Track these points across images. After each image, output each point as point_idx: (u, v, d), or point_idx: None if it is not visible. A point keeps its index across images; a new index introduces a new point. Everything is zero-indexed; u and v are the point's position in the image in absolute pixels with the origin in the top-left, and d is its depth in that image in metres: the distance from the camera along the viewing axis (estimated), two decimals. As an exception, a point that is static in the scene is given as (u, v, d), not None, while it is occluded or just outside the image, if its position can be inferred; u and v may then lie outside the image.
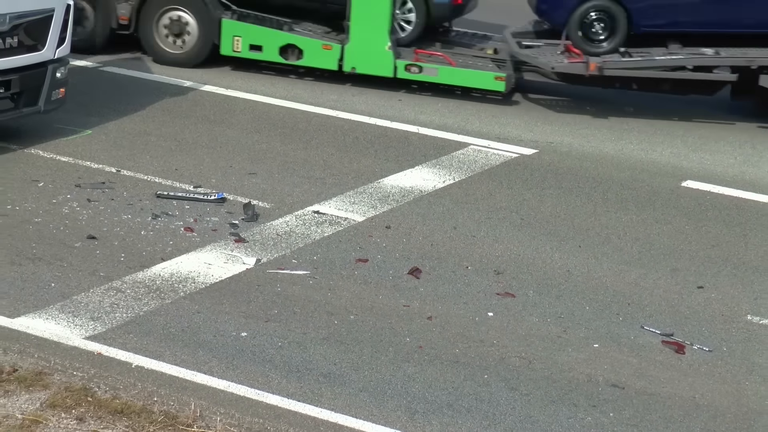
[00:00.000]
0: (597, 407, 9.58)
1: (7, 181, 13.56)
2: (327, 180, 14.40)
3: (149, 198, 13.37)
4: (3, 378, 9.28)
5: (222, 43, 18.68)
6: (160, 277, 11.42)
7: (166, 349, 10.01)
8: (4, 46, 13.95)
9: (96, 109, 16.24)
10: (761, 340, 11.01)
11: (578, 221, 13.73)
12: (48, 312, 10.52)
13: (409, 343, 10.44)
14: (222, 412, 9.00)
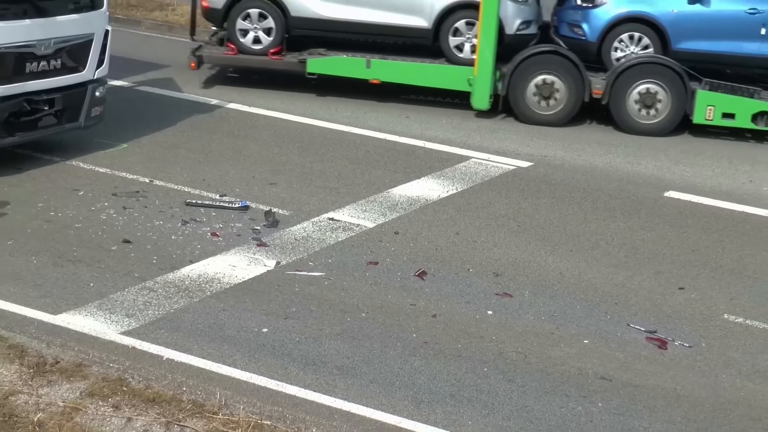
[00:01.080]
0: (587, 398, 9.57)
1: (51, 190, 13.59)
2: (341, 190, 14.39)
3: (179, 206, 13.37)
4: (46, 369, 9.30)
5: (696, 112, 18.15)
6: (188, 277, 11.43)
7: (194, 343, 10.02)
8: (49, 68, 13.99)
9: (131, 125, 16.26)
10: (736, 337, 10.98)
11: (570, 228, 13.70)
12: (87, 309, 10.54)
13: (415, 338, 10.44)
14: (245, 401, 9.01)
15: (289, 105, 18.30)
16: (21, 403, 8.77)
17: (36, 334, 9.93)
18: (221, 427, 8.63)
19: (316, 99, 18.87)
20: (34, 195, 13.37)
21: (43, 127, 14.33)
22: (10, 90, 13.59)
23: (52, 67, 14.05)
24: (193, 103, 18.01)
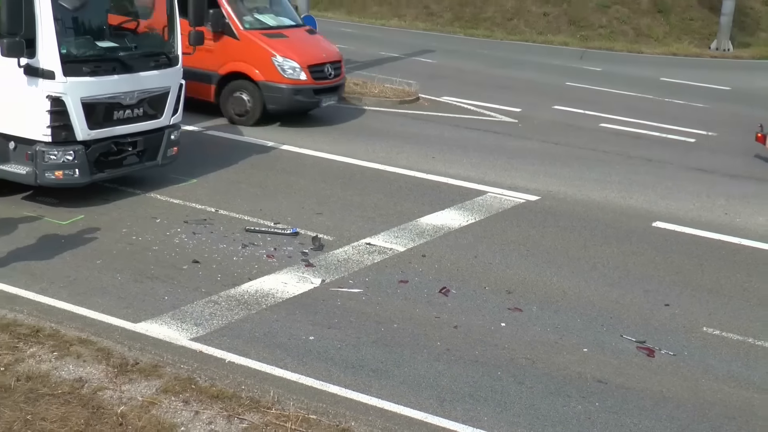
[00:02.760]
0: (586, 398, 9.53)
1: (133, 218, 13.66)
2: (377, 219, 14.39)
3: (240, 232, 13.40)
4: (128, 369, 9.34)
5: None
6: (247, 293, 11.44)
7: (252, 348, 10.03)
8: (133, 115, 14.06)
9: (200, 163, 16.33)
10: (714, 347, 10.92)
11: (571, 252, 13.65)
12: (162, 319, 10.57)
13: (439, 346, 10.41)
14: (294, 398, 9.02)
15: (333, 146, 18.35)
16: (107, 398, 8.83)
17: (119, 339, 9.99)
18: (274, 420, 8.64)
19: (355, 141, 18.92)
20: (119, 222, 13.45)
21: (127, 165, 14.39)
22: (101, 134, 13.67)
23: (135, 115, 14.12)
24: (252, 145, 18.09)
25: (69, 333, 9.99)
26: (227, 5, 18.63)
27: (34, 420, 8.37)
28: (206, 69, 18.53)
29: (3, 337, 9.77)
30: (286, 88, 18.94)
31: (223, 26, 18.54)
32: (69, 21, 13.31)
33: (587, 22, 37.66)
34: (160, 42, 14.74)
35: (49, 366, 9.31)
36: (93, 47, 13.80)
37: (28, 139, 13.21)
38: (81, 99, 13.26)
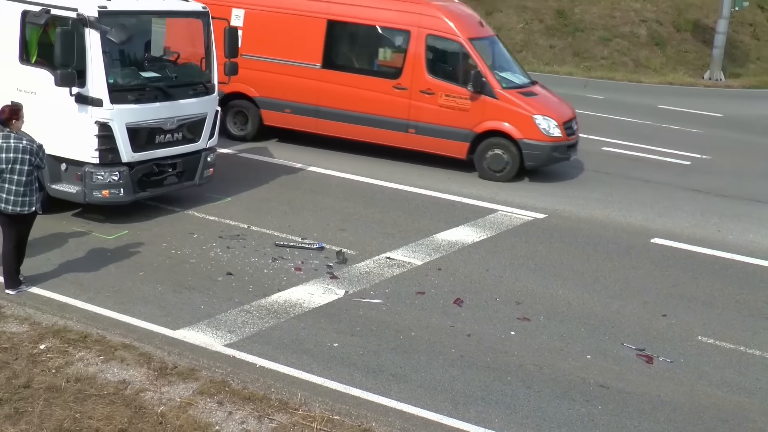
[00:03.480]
0: (589, 401, 9.52)
1: (172, 233, 13.70)
2: (396, 235, 14.38)
3: (270, 246, 13.42)
4: (167, 372, 9.38)
5: None
6: (277, 302, 11.45)
7: (281, 354, 10.05)
8: (173, 139, 14.12)
9: (234, 183, 16.37)
10: (708, 355, 10.88)
11: (576, 266, 13.61)
12: (198, 326, 10.60)
13: (453, 353, 10.40)
14: (320, 400, 9.04)
15: (356, 167, 18.35)
16: (148, 398, 8.86)
17: (159, 345, 10.02)
18: (301, 420, 8.65)
19: (377, 162, 18.91)
20: (160, 237, 13.49)
21: (168, 185, 14.44)
22: (144, 156, 13.73)
23: (175, 139, 14.17)
24: (281, 166, 18.11)
25: (114, 339, 10.04)
26: (484, 67, 18.06)
27: (82, 418, 8.41)
28: (459, 127, 18.04)
29: (54, 342, 9.84)
30: (546, 145, 18.09)
31: (482, 86, 17.83)
32: (116, 53, 13.40)
33: (590, 54, 37.62)
34: (198, 72, 14.80)
35: (95, 369, 9.36)
36: (137, 77, 13.89)
37: (78, 161, 13.29)
38: (126, 124, 13.33)
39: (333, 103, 18.68)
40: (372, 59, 19.37)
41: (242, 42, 17.85)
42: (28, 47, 13.44)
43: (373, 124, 18.51)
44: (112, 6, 13.17)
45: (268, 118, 19.44)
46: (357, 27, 19.02)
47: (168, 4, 14.35)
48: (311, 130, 19.27)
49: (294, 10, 18.79)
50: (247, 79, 18.65)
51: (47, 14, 13.08)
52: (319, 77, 18.73)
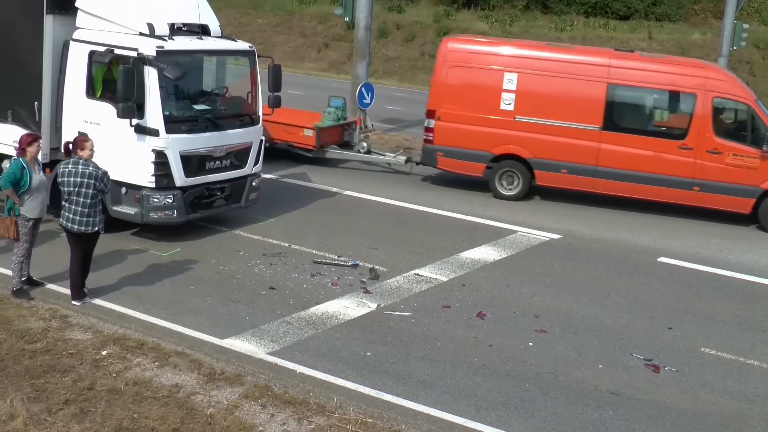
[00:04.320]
0: (601, 407, 9.47)
1: (220, 251, 13.77)
2: (424, 253, 14.37)
3: (309, 263, 13.44)
4: (215, 377, 9.42)
5: None
6: (315, 314, 11.47)
7: (318, 361, 10.07)
8: (221, 166, 14.20)
9: (276, 206, 16.43)
10: (711, 364, 10.80)
11: (588, 283, 13.55)
12: (244, 336, 10.64)
13: (476, 362, 10.38)
14: (354, 404, 9.05)
15: (387, 192, 18.37)
16: (198, 401, 8.90)
17: (209, 352, 10.07)
18: (337, 422, 8.65)
19: (406, 187, 18.93)
20: (209, 254, 13.56)
21: (216, 207, 14.51)
22: (196, 181, 13.82)
23: (223, 165, 14.25)
24: (319, 190, 18.16)
25: (168, 346, 10.11)
26: None
27: (140, 418, 8.46)
28: (746, 184, 17.28)
29: (115, 349, 9.91)
30: None
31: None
32: (171, 88, 13.52)
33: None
34: (244, 105, 14.88)
35: (151, 373, 9.42)
36: (190, 110, 14.00)
37: (137, 185, 13.40)
38: (180, 152, 13.44)
39: (613, 163, 17.83)
40: (654, 121, 18.55)
41: (515, 105, 17.94)
42: (94, 83, 13.60)
43: (655, 183, 17.73)
44: (169, 46, 13.31)
45: (541, 179, 18.48)
46: (639, 90, 18.23)
47: (218, 43, 14.47)
48: (588, 189, 18.31)
49: (572, 75, 18.05)
50: (521, 141, 18.20)
51: (111, 53, 13.25)
52: (600, 138, 17.90)
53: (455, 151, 18.45)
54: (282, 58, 32.87)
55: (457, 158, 18.50)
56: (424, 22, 42.13)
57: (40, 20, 13.61)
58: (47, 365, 9.43)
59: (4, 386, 8.84)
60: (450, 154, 18.53)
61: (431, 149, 18.73)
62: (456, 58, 18.34)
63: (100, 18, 13.63)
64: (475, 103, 18.11)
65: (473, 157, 18.37)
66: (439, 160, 18.75)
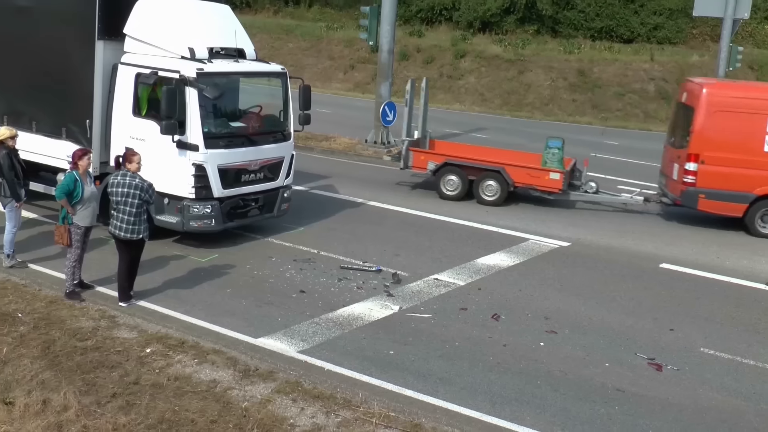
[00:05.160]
0: (607, 403, 9.41)
1: (254, 257, 13.81)
2: (442, 259, 14.35)
3: (336, 268, 13.45)
4: (250, 374, 9.43)
5: None
6: (341, 316, 11.48)
7: (344, 359, 10.07)
8: (255, 178, 14.24)
9: (306, 215, 16.46)
10: (710, 364, 10.70)
11: (595, 287, 13.48)
12: (276, 335, 10.66)
13: (491, 360, 10.34)
14: (378, 399, 9.03)
15: (408, 202, 18.38)
16: (234, 395, 8.91)
17: (243, 350, 10.09)
18: (362, 416, 8.63)
19: (426, 199, 18.90)
20: (244, 260, 13.59)
21: (251, 216, 14.54)
22: (232, 192, 13.87)
23: (257, 178, 14.29)
24: (346, 201, 18.19)
25: (206, 345, 10.13)
26: None
27: (180, 411, 8.48)
28: None
29: (158, 347, 9.95)
30: None
31: None
32: (210, 107, 13.57)
33: (607, 106, 37.33)
34: (277, 122, 14.93)
35: (191, 370, 9.45)
36: (227, 126, 14.07)
37: (178, 196, 13.47)
38: (217, 166, 13.50)
39: None
40: None
41: None
42: (139, 103, 13.69)
43: None
44: (208, 68, 13.38)
45: None
46: None
47: (253, 66, 14.53)
48: None
49: None
50: None
51: (155, 75, 13.33)
52: None
53: (718, 193, 17.65)
54: (311, 79, 32.96)
55: (719, 200, 17.69)
56: (442, 45, 42.09)
57: (92, 46, 13.72)
58: (97, 361, 9.49)
59: (59, 380, 8.91)
60: (712, 196, 17.68)
61: (693, 192, 17.71)
62: (718, 103, 17.55)
63: (146, 43, 13.73)
64: (738, 147, 17.42)
65: (735, 198, 17.64)
66: (701, 202, 17.84)
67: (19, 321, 10.49)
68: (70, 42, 14.07)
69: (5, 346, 9.69)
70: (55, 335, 10.12)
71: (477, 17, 45.24)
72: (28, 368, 9.14)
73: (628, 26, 45.23)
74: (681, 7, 44.27)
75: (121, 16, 13.79)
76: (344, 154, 23.79)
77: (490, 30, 45.24)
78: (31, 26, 14.47)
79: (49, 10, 14.28)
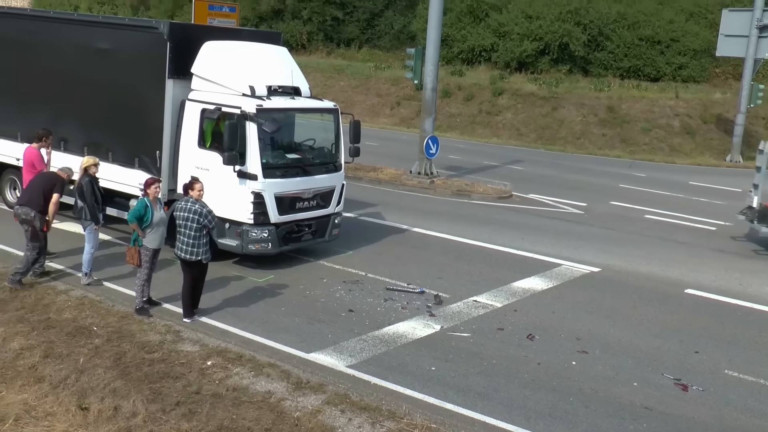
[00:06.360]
0: (636, 420, 9.24)
1: (307, 278, 13.84)
2: (481, 282, 14.26)
3: (382, 290, 13.43)
4: (302, 386, 9.43)
5: None
6: (387, 334, 11.44)
7: (389, 374, 10.03)
8: (309, 206, 14.29)
9: (355, 240, 16.45)
10: (734, 385, 10.47)
11: (624, 311, 13.28)
12: (326, 351, 10.66)
13: (526, 377, 10.23)
14: (420, 412, 8.98)
15: (450, 229, 18.30)
16: (287, 406, 8.92)
17: (296, 364, 10.10)
18: (405, 427, 8.59)
19: (466, 225, 18.83)
20: (298, 281, 13.64)
21: (304, 240, 14.57)
22: (287, 218, 13.93)
23: (311, 205, 14.35)
24: (392, 227, 18.18)
25: (262, 358, 10.16)
26: None
27: (238, 419, 8.51)
28: None
29: (218, 360, 10.00)
30: None
31: None
32: (268, 140, 13.69)
33: (634, 140, 36.96)
34: (329, 154, 14.99)
35: (248, 381, 9.48)
36: (283, 158, 14.17)
37: (238, 221, 13.58)
38: (274, 194, 13.60)
39: None
40: None
41: None
42: (204, 136, 13.86)
43: None
44: (266, 105, 13.53)
45: None
46: None
47: (307, 102, 14.65)
48: None
49: None
50: None
51: (219, 111, 13.51)
52: None
53: None
54: (360, 115, 33.13)
55: None
56: (482, 83, 42.07)
57: (163, 84, 13.96)
58: (162, 372, 9.57)
59: (128, 389, 9.00)
60: None
61: None
62: None
63: (211, 81, 13.94)
64: None
65: None
66: None
67: (94, 334, 10.64)
68: (144, 80, 14.34)
69: (82, 357, 9.83)
70: (125, 347, 10.24)
71: (514, 58, 45.24)
72: (101, 377, 9.27)
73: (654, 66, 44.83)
74: (705, 47, 43.79)
75: (188, 58, 14.03)
76: (390, 184, 23.82)
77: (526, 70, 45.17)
78: (109, 66, 14.76)
79: (125, 52, 14.58)
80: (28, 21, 16.77)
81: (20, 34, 16.36)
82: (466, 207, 21.40)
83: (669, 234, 19.57)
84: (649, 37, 44.53)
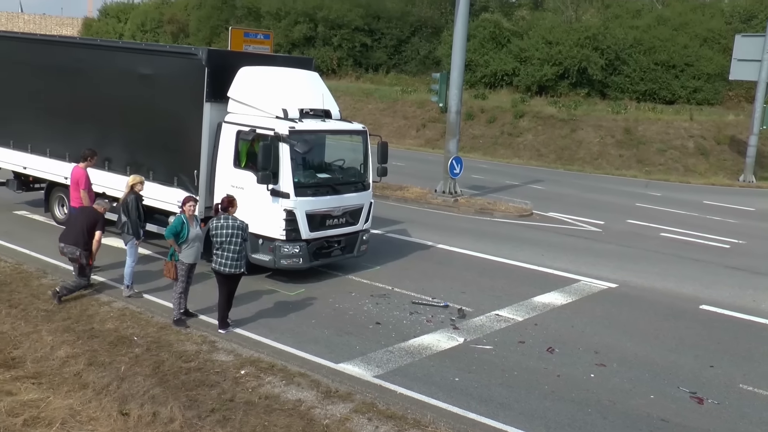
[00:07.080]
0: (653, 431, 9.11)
1: (336, 291, 13.86)
2: (503, 297, 14.19)
3: (408, 303, 13.41)
4: (331, 395, 9.43)
5: None
6: (412, 346, 11.41)
7: (414, 384, 9.99)
8: (338, 223, 14.33)
9: (382, 255, 16.46)
10: (748, 399, 10.30)
11: (641, 326, 13.14)
12: (354, 361, 10.65)
13: (546, 389, 10.15)
14: (444, 421, 8.94)
15: (473, 245, 18.24)
16: (316, 413, 8.92)
17: (326, 374, 10.10)
18: (430, 436, 8.55)
19: (489, 242, 18.74)
20: (327, 294, 13.65)
21: (334, 256, 14.59)
22: (318, 234, 13.97)
23: (340, 222, 14.38)
24: (417, 244, 18.15)
25: (292, 368, 10.18)
26: None
27: (269, 426, 8.53)
28: None
29: (251, 369, 10.03)
30: None
31: None
32: (300, 160, 13.76)
33: (650, 161, 36.69)
34: (357, 174, 15.03)
35: (279, 390, 9.50)
36: (314, 177, 14.23)
37: (271, 237, 13.64)
38: (306, 211, 13.65)
39: None
40: None
41: None
42: (239, 156, 13.97)
43: None
44: (298, 127, 13.61)
45: None
46: None
47: (337, 125, 14.72)
48: None
49: None
50: None
51: (253, 132, 13.62)
52: None
53: None
54: (388, 136, 33.21)
55: None
56: (504, 106, 42.03)
57: (201, 107, 14.11)
58: (198, 380, 9.62)
59: (166, 396, 9.05)
60: None
61: None
62: None
63: (246, 105, 14.06)
64: None
65: None
66: None
67: (134, 343, 10.72)
68: (183, 104, 14.50)
69: (123, 365, 9.91)
70: (164, 357, 10.30)
71: (534, 82, 45.22)
72: (141, 384, 9.33)
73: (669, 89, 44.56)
74: (718, 71, 43.48)
75: (225, 82, 14.17)
76: (416, 202, 23.81)
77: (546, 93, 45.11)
78: (151, 90, 14.96)
79: (166, 77, 14.76)
80: (78, 49, 17.05)
81: (70, 61, 16.64)
82: (489, 225, 21.33)
83: (684, 251, 19.36)
84: (664, 62, 44.32)
